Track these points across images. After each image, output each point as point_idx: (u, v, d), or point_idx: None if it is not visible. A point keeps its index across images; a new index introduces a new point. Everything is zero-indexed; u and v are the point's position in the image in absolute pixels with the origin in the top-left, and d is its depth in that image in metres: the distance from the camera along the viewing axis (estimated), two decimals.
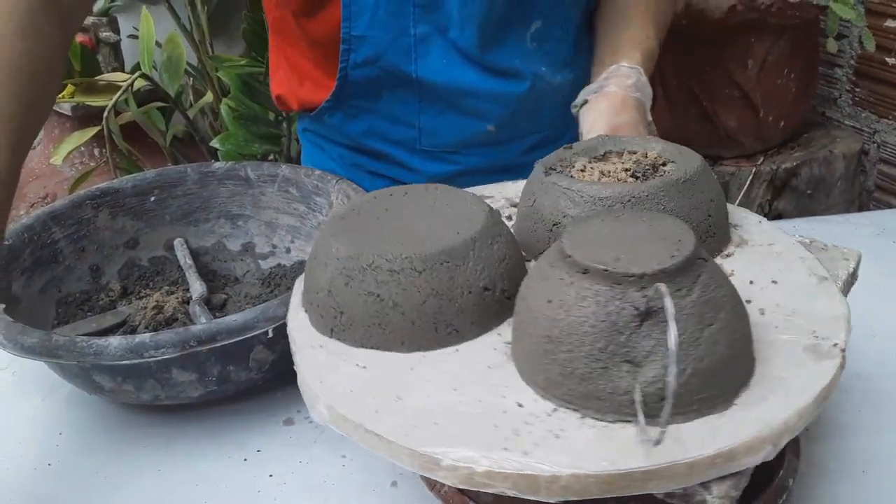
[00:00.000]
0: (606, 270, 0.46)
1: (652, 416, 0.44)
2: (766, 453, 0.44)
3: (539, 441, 0.45)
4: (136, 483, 0.64)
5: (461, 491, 0.55)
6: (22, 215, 1.63)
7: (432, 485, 0.57)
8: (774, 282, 0.56)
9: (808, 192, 1.47)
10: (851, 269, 0.60)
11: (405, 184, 0.97)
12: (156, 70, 1.81)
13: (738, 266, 0.58)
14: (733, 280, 0.50)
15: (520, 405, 0.48)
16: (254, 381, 0.68)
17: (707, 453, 0.43)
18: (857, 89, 1.52)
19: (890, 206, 1.52)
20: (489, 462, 0.43)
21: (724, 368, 0.46)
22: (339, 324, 0.54)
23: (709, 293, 0.46)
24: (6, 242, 0.75)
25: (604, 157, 0.67)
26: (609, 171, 0.63)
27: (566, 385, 0.47)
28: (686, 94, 1.45)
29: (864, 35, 1.28)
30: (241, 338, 0.62)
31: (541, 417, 0.46)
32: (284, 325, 0.64)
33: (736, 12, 1.32)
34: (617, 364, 0.45)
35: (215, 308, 0.80)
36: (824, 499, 0.57)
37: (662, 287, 0.44)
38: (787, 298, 0.54)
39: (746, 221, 0.65)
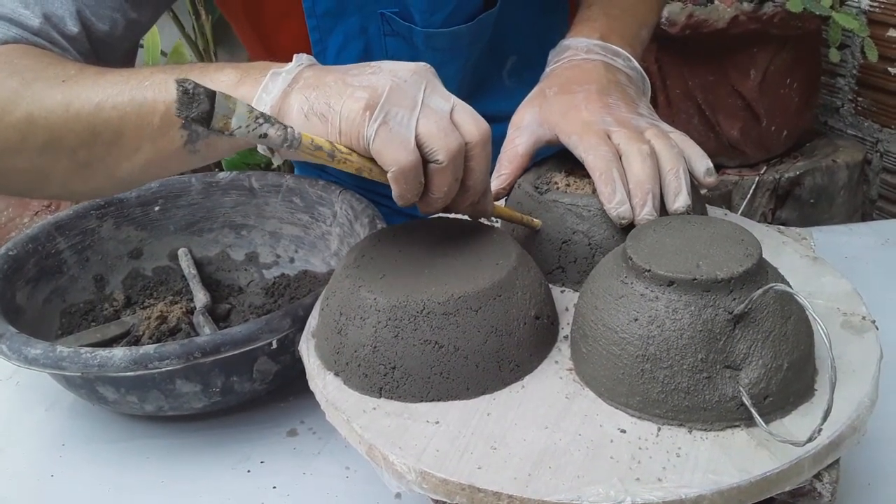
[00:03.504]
0: (695, 279, 0.45)
1: (762, 415, 0.44)
2: (864, 430, 0.45)
3: (665, 464, 0.44)
4: (140, 495, 0.64)
5: None
6: (26, 223, 1.63)
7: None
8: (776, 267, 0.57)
9: (811, 201, 1.47)
10: (813, 247, 0.63)
11: (400, 209, 0.98)
12: None
13: None
14: None
15: (622, 431, 0.46)
16: (257, 392, 0.68)
17: (823, 443, 0.43)
18: (860, 99, 1.52)
19: (893, 216, 1.52)
20: (630, 497, 0.42)
21: (806, 357, 0.47)
22: (391, 380, 0.51)
23: (779, 287, 0.45)
24: (11, 253, 0.76)
25: (572, 171, 0.66)
26: None
27: (669, 402, 0.46)
28: (689, 104, 1.45)
29: (867, 45, 1.28)
30: (245, 349, 0.62)
31: (650, 440, 0.46)
32: (288, 337, 0.64)
33: (738, 23, 1.32)
34: (719, 371, 0.45)
35: (219, 318, 0.80)
36: None
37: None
38: (795, 281, 0.53)
39: (714, 215, 0.66)
